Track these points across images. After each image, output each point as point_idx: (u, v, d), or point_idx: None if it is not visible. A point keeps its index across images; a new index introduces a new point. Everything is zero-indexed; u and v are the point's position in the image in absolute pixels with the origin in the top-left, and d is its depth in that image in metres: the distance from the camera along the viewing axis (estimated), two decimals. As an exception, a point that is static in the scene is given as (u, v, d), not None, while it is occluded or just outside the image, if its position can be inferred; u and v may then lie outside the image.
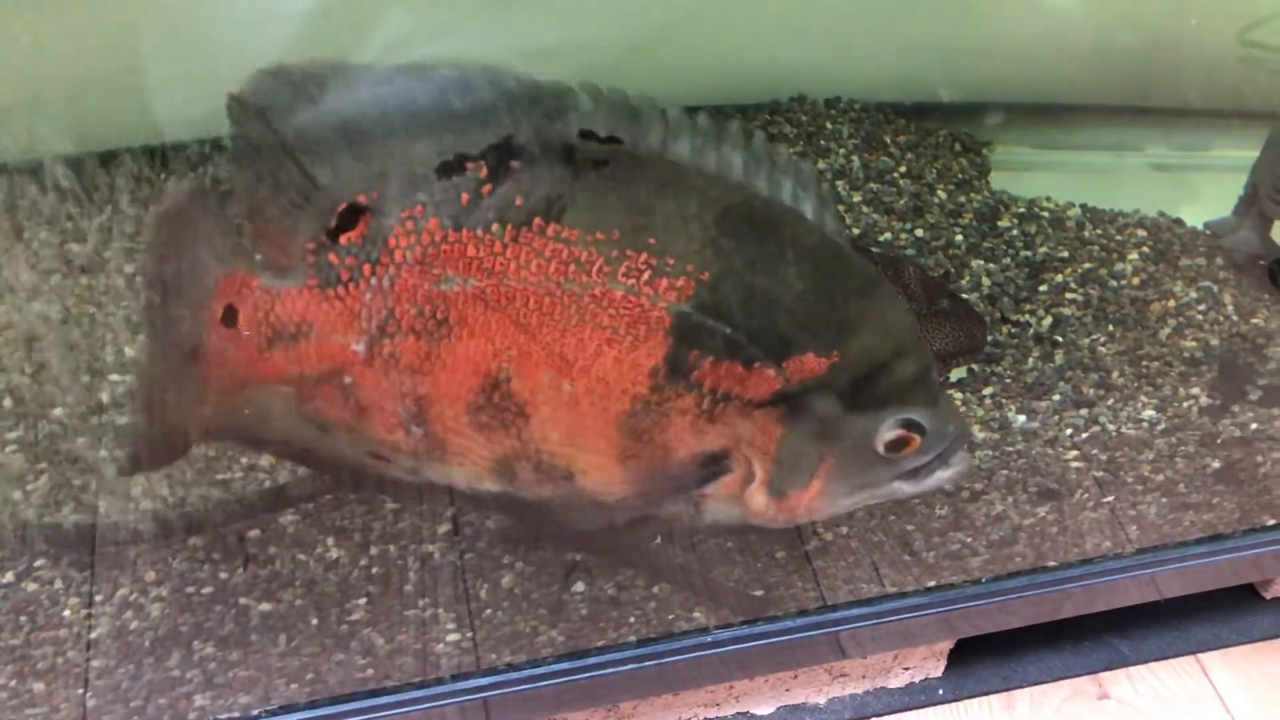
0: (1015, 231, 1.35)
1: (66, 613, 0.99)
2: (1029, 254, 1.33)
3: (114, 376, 1.12)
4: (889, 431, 0.89)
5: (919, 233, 1.32)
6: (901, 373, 0.88)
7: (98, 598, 1.00)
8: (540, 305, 0.86)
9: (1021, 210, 1.39)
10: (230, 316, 0.88)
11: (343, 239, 0.85)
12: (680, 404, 0.88)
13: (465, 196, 0.84)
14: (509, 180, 0.84)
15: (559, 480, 0.92)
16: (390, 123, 0.84)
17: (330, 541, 1.05)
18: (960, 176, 1.38)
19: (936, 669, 1.14)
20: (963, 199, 1.38)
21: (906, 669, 1.13)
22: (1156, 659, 1.16)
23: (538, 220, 0.84)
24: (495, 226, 0.84)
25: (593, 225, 0.84)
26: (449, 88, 0.83)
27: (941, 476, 0.92)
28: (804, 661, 1.09)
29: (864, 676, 1.13)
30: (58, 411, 1.09)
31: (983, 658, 1.15)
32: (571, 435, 0.90)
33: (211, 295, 0.88)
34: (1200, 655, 1.18)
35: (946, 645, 1.12)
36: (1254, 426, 1.19)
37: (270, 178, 0.84)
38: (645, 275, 0.85)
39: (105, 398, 1.10)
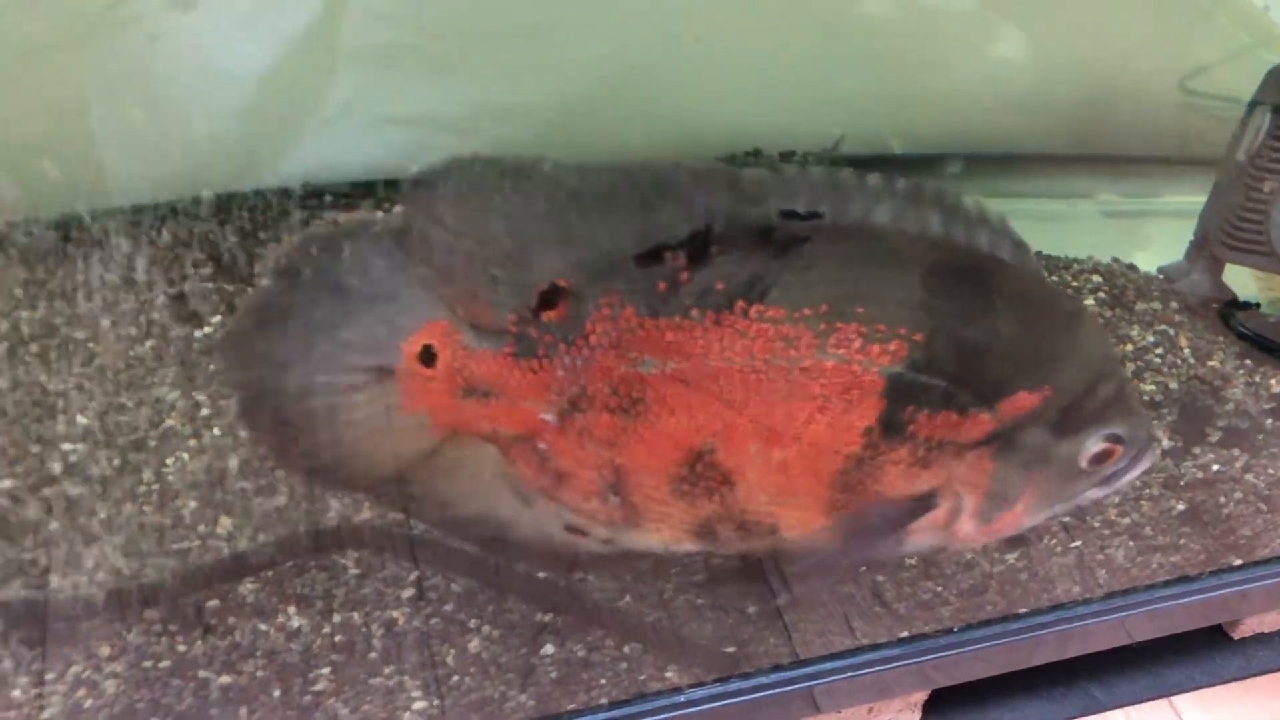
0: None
1: (16, 693, 0.95)
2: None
3: (66, 445, 1.09)
4: (1094, 447, 0.91)
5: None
6: (1104, 392, 0.91)
7: (49, 676, 0.96)
8: (746, 382, 0.86)
9: (979, 258, 1.39)
10: (428, 357, 0.89)
11: (544, 316, 0.87)
12: (893, 456, 0.89)
13: (663, 285, 0.85)
14: (708, 267, 0.84)
15: (763, 536, 0.93)
16: (592, 214, 0.85)
17: (292, 610, 1.02)
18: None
19: (911, 720, 1.13)
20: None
21: (881, 722, 1.12)
22: (1130, 703, 1.16)
23: (740, 303, 0.85)
24: (695, 312, 0.85)
25: (799, 302, 0.85)
26: (643, 181, 0.85)
27: (1129, 477, 0.94)
28: (778, 719, 1.08)
29: (839, 731, 1.12)
30: (6, 483, 1.07)
31: (958, 708, 1.14)
32: (780, 496, 0.91)
33: (412, 330, 0.89)
34: (1173, 698, 1.17)
35: (921, 696, 1.11)
36: (1215, 468, 1.20)
37: (475, 254, 0.86)
38: (856, 344, 0.86)
39: (57, 468, 1.08)
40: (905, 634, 1.06)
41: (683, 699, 0.99)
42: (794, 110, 1.49)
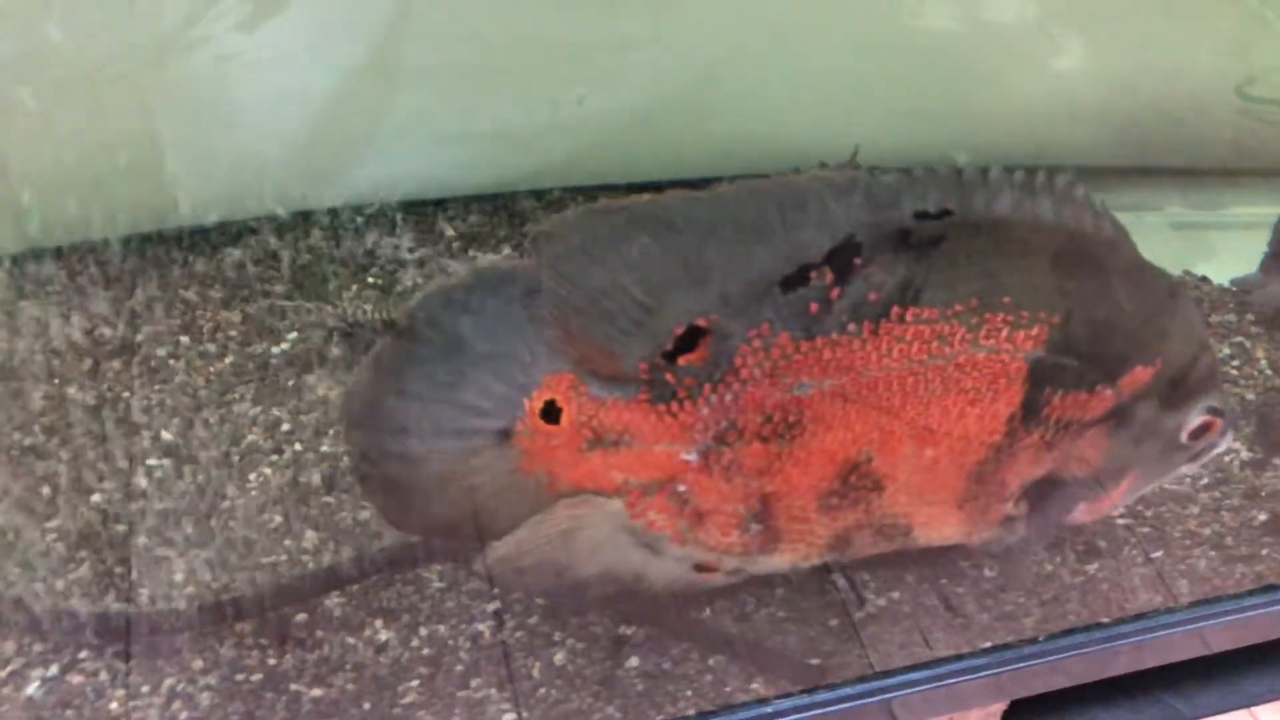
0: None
1: (114, 705, 0.96)
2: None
3: (151, 461, 1.11)
4: (1196, 419, 0.95)
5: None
6: (1204, 364, 0.94)
7: (144, 689, 0.98)
8: (904, 386, 0.88)
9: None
10: (552, 413, 0.88)
11: (681, 360, 0.86)
12: (1026, 441, 0.91)
13: (814, 306, 0.85)
14: (857, 279, 0.84)
15: (896, 537, 0.94)
16: (725, 245, 0.85)
17: (378, 623, 1.03)
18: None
19: (991, 732, 1.13)
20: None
21: (960, 736, 1.12)
22: (1210, 714, 1.16)
23: (895, 309, 0.86)
24: (851, 326, 0.85)
25: (950, 299, 0.86)
26: (780, 202, 0.84)
27: (1216, 451, 0.98)
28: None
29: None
30: (96, 498, 1.08)
31: (1036, 718, 1.14)
32: (922, 494, 0.92)
33: (534, 386, 0.88)
34: (1254, 709, 1.17)
35: (1000, 707, 1.11)
36: (1295, 478, 1.20)
37: (595, 306, 0.85)
38: (1004, 333, 0.88)
39: (143, 483, 1.09)
40: (984, 645, 1.06)
41: (770, 710, 1.00)
42: (856, 124, 1.49)
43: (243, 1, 1.27)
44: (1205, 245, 1.47)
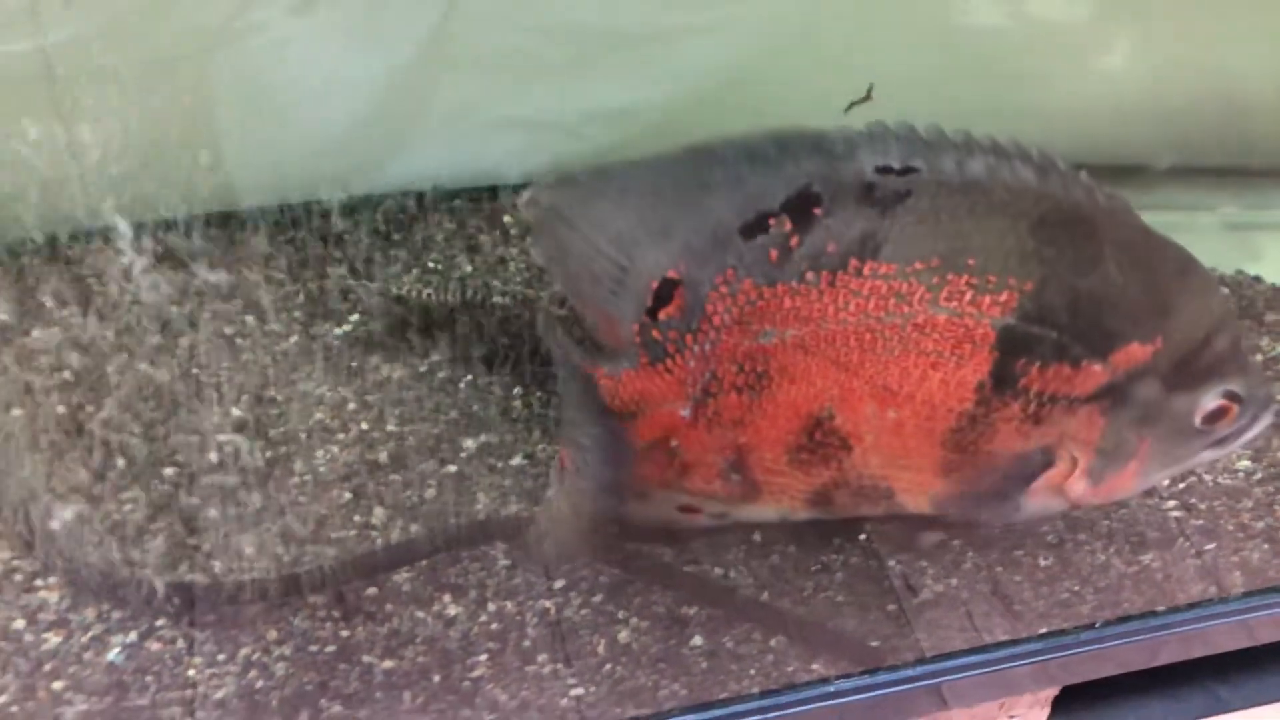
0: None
1: (191, 672, 0.99)
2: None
3: (222, 437, 1.13)
4: (1210, 404, 0.91)
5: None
6: (1219, 346, 0.90)
7: (219, 657, 1.00)
8: (861, 342, 0.87)
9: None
10: None
11: (661, 315, 0.88)
12: (1006, 412, 0.89)
13: (774, 253, 0.85)
14: (816, 229, 0.85)
15: (878, 500, 0.94)
16: (684, 199, 0.87)
17: (447, 598, 1.05)
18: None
19: (1040, 716, 1.15)
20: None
21: (1012, 717, 1.14)
22: (1255, 704, 1.18)
23: (853, 262, 0.85)
24: (810, 275, 0.86)
25: (910, 256, 0.85)
26: (733, 155, 0.86)
27: (1247, 438, 0.94)
28: (907, 712, 1.10)
29: (969, 727, 1.14)
30: (169, 471, 1.10)
31: (1087, 704, 1.16)
32: (894, 458, 0.92)
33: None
34: (1301, 700, 1.19)
35: (1051, 692, 1.13)
36: (1349, 473, 1.21)
37: (585, 271, 0.88)
38: (968, 296, 0.86)
39: (214, 457, 1.11)
40: (1038, 631, 1.08)
41: (832, 689, 1.02)
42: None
43: (298, -13, 1.29)
44: (1258, 245, 1.48)
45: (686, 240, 0.86)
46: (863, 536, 1.10)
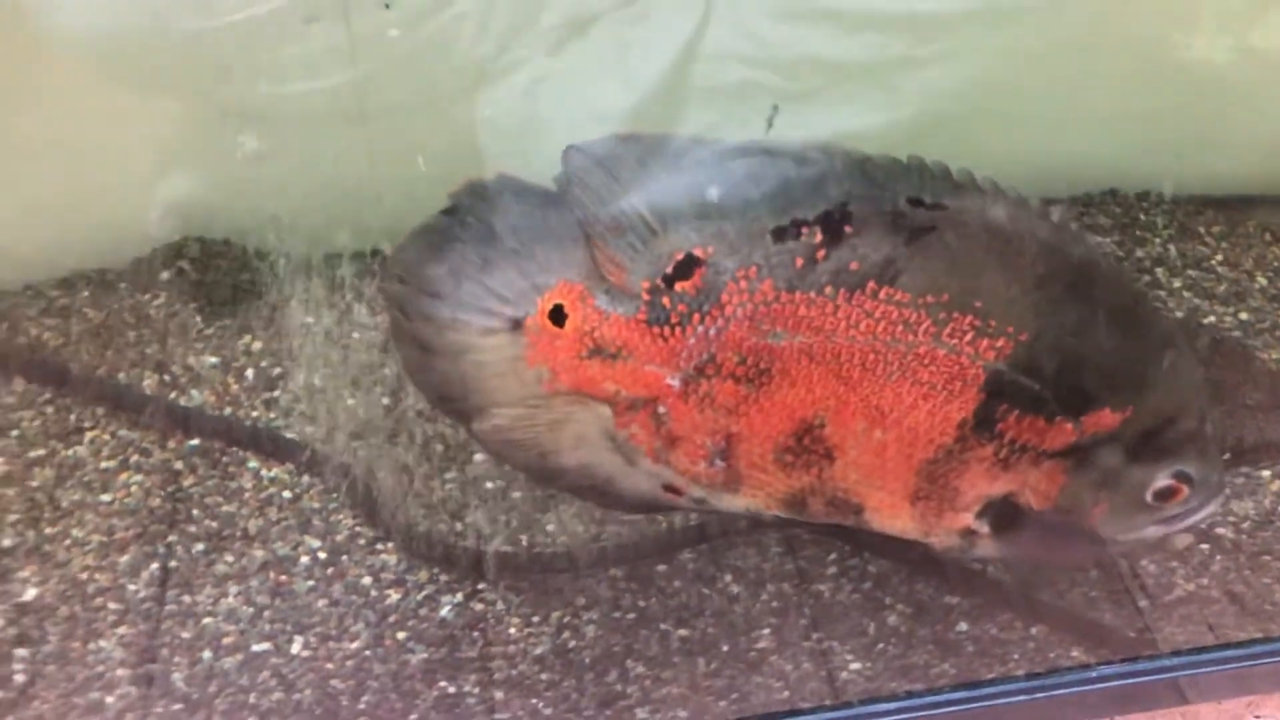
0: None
1: (512, 630, 1.11)
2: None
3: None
4: (1162, 481, 0.95)
5: (1243, 315, 1.40)
6: (1184, 426, 0.94)
7: (534, 619, 1.13)
8: (864, 361, 0.91)
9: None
10: (558, 316, 0.95)
11: (678, 286, 0.92)
12: (980, 453, 0.94)
13: (800, 261, 0.90)
14: (844, 246, 0.89)
15: (847, 514, 0.99)
16: (731, 187, 0.90)
17: (728, 578, 1.16)
18: (1277, 264, 1.46)
19: (1284, 719, 1.20)
20: (1282, 285, 1.45)
21: (1258, 718, 1.19)
22: None
23: (871, 284, 0.90)
24: (829, 289, 0.90)
25: (924, 289, 0.90)
26: (785, 160, 0.90)
27: (1192, 520, 0.98)
28: (1147, 705, 1.16)
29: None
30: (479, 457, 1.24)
31: (1329, 710, 1.20)
32: (871, 476, 0.96)
33: (548, 288, 0.94)
34: None
35: (1293, 696, 1.18)
36: None
37: (613, 220, 0.92)
38: (969, 336, 0.90)
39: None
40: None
41: (1094, 674, 1.09)
42: (1124, 150, 1.57)
43: (551, 28, 1.43)
44: None
45: (721, 226, 0.90)
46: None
